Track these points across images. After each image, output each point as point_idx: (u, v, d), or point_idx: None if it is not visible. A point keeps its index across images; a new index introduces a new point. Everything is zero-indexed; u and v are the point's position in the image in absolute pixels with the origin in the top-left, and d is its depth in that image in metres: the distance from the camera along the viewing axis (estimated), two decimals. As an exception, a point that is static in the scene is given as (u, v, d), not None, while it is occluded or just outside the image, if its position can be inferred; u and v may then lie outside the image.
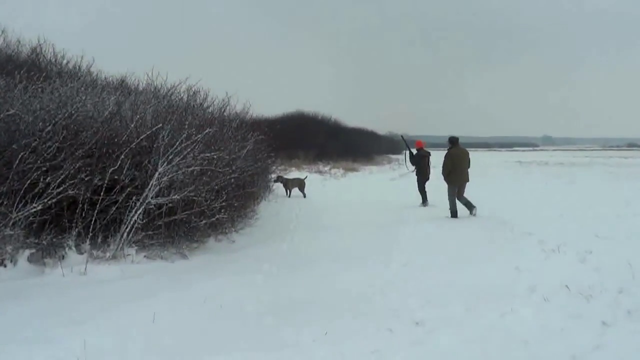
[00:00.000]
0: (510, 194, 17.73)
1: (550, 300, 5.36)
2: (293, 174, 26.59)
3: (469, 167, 11.95)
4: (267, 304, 5.54)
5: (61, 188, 6.55)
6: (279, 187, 16.31)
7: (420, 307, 5.44)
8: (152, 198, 7.20)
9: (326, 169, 30.22)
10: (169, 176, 7.28)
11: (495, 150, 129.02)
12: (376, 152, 58.56)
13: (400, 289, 6.13)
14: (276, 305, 5.51)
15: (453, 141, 11.94)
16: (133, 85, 12.17)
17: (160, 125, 7.49)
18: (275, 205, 13.78)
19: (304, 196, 16.04)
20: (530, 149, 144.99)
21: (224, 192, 8.23)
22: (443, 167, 11.82)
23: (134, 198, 7.25)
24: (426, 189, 14.64)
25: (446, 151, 12.04)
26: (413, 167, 15.03)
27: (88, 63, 12.09)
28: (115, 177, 7.07)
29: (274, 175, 16.42)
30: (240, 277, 6.57)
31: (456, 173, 11.68)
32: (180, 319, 4.90)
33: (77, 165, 6.65)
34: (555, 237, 8.87)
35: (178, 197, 7.27)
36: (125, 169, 7.35)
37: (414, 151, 15.07)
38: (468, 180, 11.96)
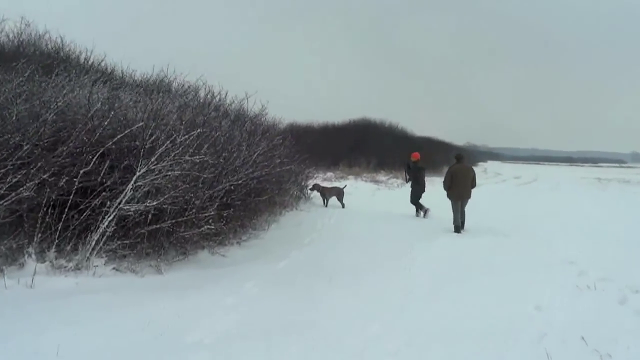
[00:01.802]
0: (570, 212, 16.14)
1: (554, 358, 4.24)
2: (347, 182, 25.67)
3: (473, 186, 11.98)
4: (216, 335, 4.72)
5: (20, 189, 5.97)
6: (318, 197, 15.47)
7: (394, 351, 4.51)
8: (125, 204, 6.52)
9: (384, 178, 29.06)
10: (146, 180, 6.59)
11: (577, 165, 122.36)
12: (446, 162, 56.19)
13: (386, 324, 5.20)
14: (225, 338, 4.68)
15: (458, 158, 12.15)
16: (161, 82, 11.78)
17: (142, 123, 6.81)
18: (305, 215, 12.90)
19: (343, 206, 15.10)
20: (616, 165, 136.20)
21: (215, 201, 7.48)
22: (444, 182, 12.00)
23: (108, 204, 6.60)
24: (421, 201, 14.37)
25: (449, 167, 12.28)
26: (408, 179, 15.02)
27: (97, 57, 11.83)
28: (80, 180, 6.42)
29: (310, 183, 15.64)
30: (209, 299, 5.77)
31: (456, 189, 11.73)
32: (95, 351, 4.14)
33: (38, 165, 6.04)
34: (599, 269, 7.59)
35: (154, 204, 6.55)
36: (104, 171, 6.75)
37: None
38: (469, 197, 11.91)
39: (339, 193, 15.32)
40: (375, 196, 20.02)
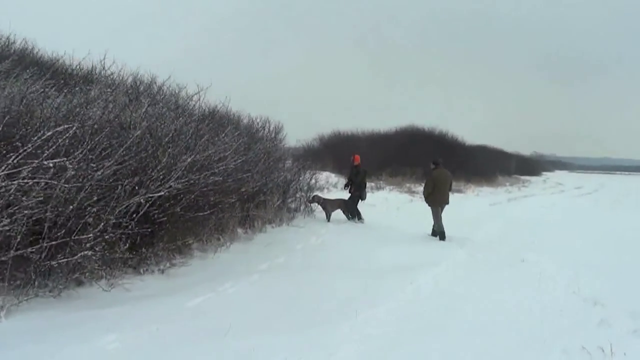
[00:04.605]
0: (622, 231, 13.61)
1: None
2: (380, 193, 23.62)
3: (450, 190, 11.81)
4: None
5: None
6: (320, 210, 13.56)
7: None
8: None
9: (422, 189, 26.59)
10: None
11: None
12: (503, 172, 52.84)
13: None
14: None
15: (436, 162, 11.84)
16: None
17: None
18: (293, 232, 10.95)
19: (348, 218, 13.25)
20: None
21: (101, 219, 5.73)
22: (424, 188, 11.84)
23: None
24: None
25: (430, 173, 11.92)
26: (350, 185, 13.73)
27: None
28: None
29: (310, 195, 13.79)
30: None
31: (437, 194, 11.50)
32: None
33: None
34: (633, 314, 5.39)
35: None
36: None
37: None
38: (447, 203, 11.70)
39: (342, 205, 13.40)
40: (401, 210, 17.83)
